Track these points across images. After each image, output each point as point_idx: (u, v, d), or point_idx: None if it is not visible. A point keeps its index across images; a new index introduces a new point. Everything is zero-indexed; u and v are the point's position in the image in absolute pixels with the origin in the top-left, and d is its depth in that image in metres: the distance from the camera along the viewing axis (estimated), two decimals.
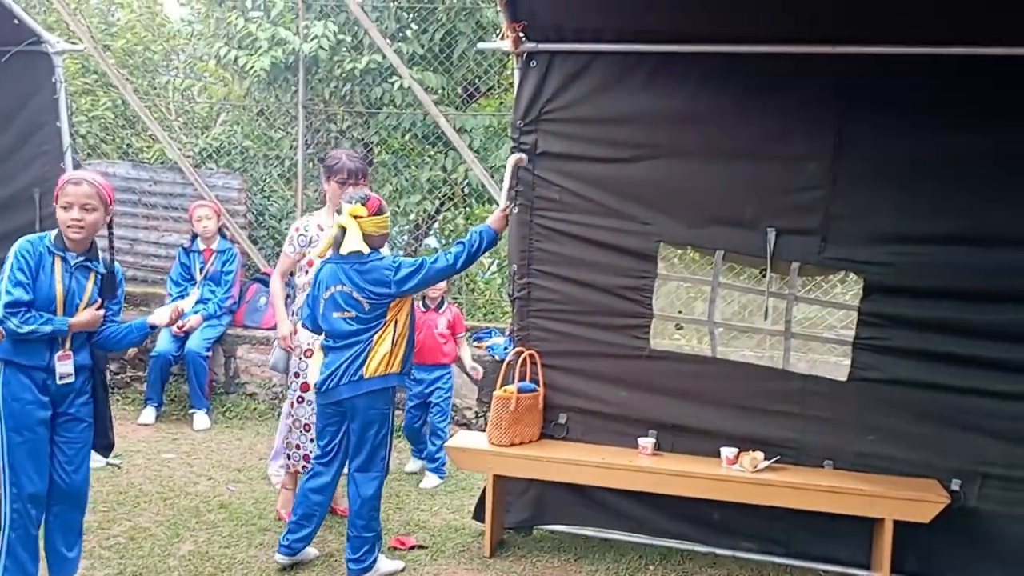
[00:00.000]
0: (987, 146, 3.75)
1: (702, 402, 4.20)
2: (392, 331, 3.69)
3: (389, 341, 3.67)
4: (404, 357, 3.75)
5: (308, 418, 4.28)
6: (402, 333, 3.73)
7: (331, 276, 3.70)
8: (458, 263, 3.75)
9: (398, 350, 3.71)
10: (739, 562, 4.17)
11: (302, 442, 4.32)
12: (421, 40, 7.64)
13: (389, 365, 3.68)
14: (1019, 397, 3.81)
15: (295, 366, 4.34)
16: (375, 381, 3.66)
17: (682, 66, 3.98)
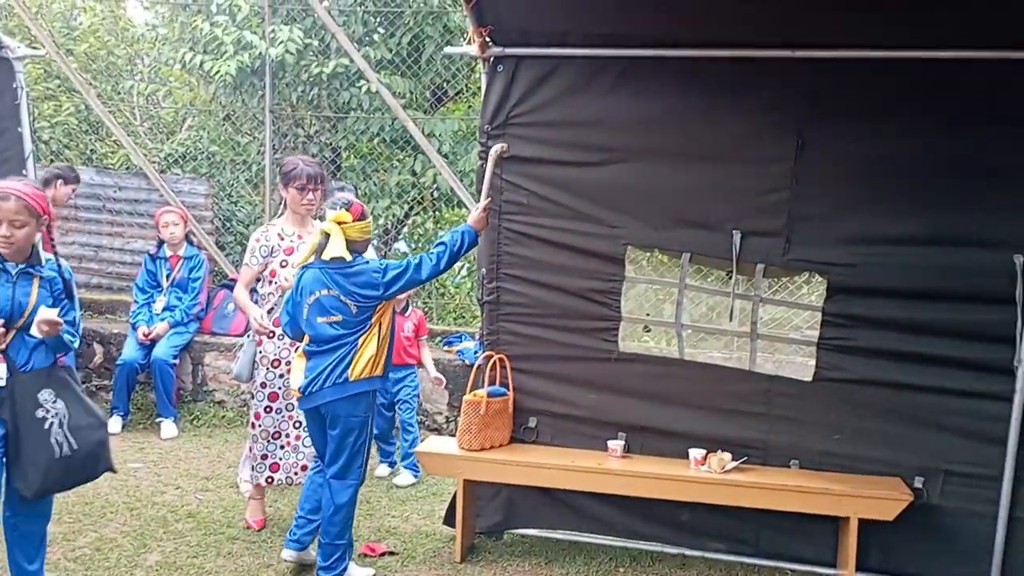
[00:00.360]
0: (944, 149, 3.82)
1: (670, 404, 4.23)
2: (377, 334, 3.69)
3: (375, 344, 3.67)
4: (386, 360, 3.76)
5: (276, 427, 4.26)
6: (385, 336, 3.73)
7: (315, 281, 3.66)
8: (441, 263, 3.74)
9: (382, 353, 3.72)
10: (708, 563, 4.20)
11: (270, 451, 4.28)
12: (389, 44, 7.63)
13: (374, 368, 3.67)
14: (980, 395, 3.88)
15: (261, 376, 4.28)
16: (360, 384, 3.65)
17: (648, 70, 4.01)
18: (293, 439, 4.33)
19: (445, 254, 3.75)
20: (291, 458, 4.33)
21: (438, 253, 3.74)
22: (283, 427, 4.30)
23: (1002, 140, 3.75)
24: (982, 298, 3.84)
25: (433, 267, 3.73)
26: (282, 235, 4.29)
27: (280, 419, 4.27)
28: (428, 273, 3.73)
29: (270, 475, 4.29)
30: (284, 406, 4.26)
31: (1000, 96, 3.73)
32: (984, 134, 3.77)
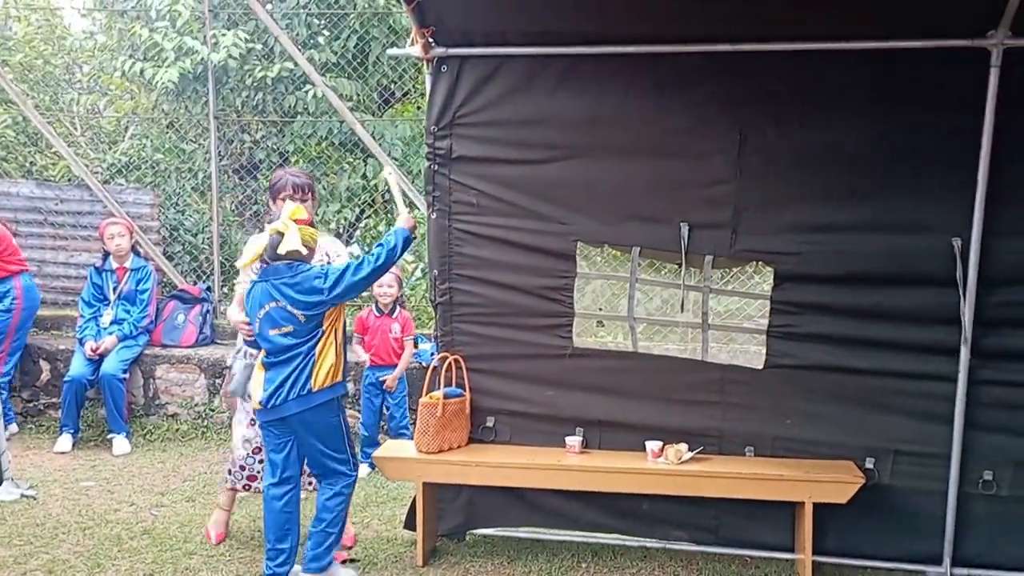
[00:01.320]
0: (881, 137, 3.89)
1: (626, 397, 4.26)
2: (334, 342, 3.67)
3: (333, 352, 3.65)
4: (345, 364, 3.77)
5: (259, 441, 4.12)
6: (342, 342, 3.73)
7: (263, 294, 3.62)
8: (379, 261, 3.66)
9: (342, 359, 3.70)
10: (669, 553, 4.25)
11: (248, 463, 4.20)
12: (334, 47, 7.58)
13: (335, 375, 3.66)
14: (924, 376, 3.96)
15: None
16: (324, 393, 3.62)
17: (590, 67, 4.03)
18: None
19: (383, 254, 3.67)
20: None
21: (377, 253, 3.68)
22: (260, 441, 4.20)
23: (936, 127, 3.83)
24: (923, 281, 3.91)
25: (372, 267, 3.66)
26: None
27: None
28: (367, 274, 3.65)
29: (247, 483, 4.23)
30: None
31: (933, 85, 3.81)
32: (919, 122, 3.84)
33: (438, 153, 4.21)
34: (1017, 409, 3.92)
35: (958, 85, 3.79)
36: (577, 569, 4.09)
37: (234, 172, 7.89)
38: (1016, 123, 3.73)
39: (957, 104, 3.80)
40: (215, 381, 6.51)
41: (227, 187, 7.89)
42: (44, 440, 6.12)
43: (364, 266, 3.65)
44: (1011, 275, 3.85)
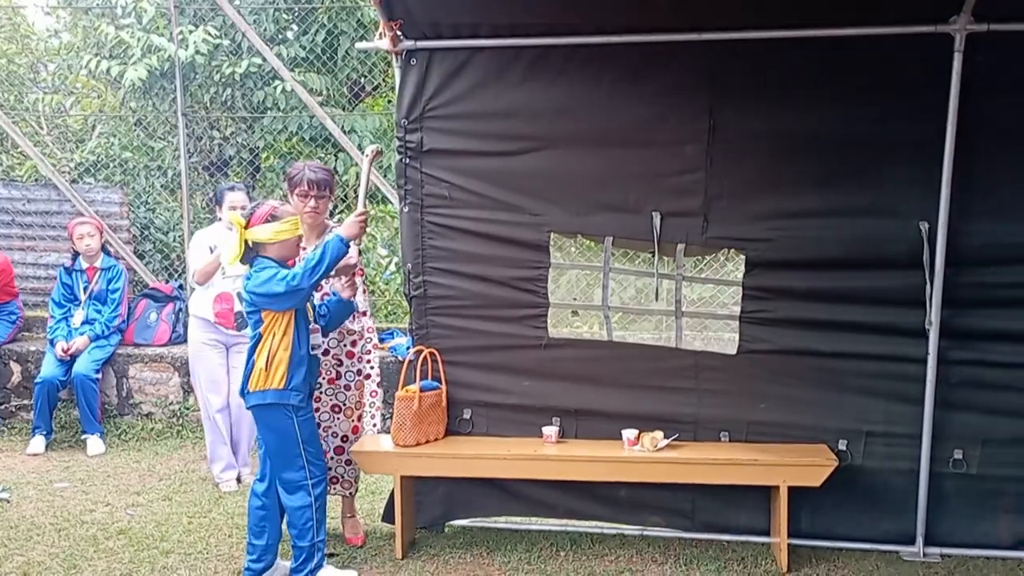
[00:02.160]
0: (850, 122, 3.93)
1: (602, 386, 4.29)
2: (268, 345, 3.55)
3: (265, 356, 3.55)
4: (289, 375, 3.56)
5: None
6: (279, 349, 3.55)
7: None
8: (299, 279, 3.45)
9: (276, 366, 3.54)
10: (647, 540, 4.28)
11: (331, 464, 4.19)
12: (302, 42, 7.54)
13: (267, 381, 3.55)
14: (895, 358, 4.02)
15: None
16: (254, 396, 3.59)
17: (559, 58, 4.04)
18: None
19: (303, 270, 3.47)
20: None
21: (295, 272, 3.49)
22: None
23: (902, 113, 3.88)
24: (892, 265, 3.97)
25: (291, 283, 3.44)
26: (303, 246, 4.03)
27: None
28: (286, 288, 3.45)
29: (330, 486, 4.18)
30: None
31: (899, 71, 3.86)
32: (886, 108, 3.89)
33: (409, 146, 4.21)
34: (985, 388, 3.99)
35: (923, 71, 3.84)
36: (556, 558, 4.11)
37: (204, 169, 7.83)
38: (980, 107, 3.80)
39: (922, 89, 3.85)
40: (189, 379, 6.45)
41: (197, 184, 7.83)
42: (17, 442, 6.05)
43: (285, 279, 3.46)
44: (978, 257, 3.91)
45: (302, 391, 3.62)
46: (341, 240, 3.58)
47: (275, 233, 3.58)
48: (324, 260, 3.50)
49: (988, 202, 3.89)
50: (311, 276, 3.48)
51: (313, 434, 3.72)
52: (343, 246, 3.57)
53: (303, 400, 3.63)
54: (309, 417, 3.70)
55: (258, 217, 3.59)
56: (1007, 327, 3.94)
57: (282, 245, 3.61)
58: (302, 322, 3.64)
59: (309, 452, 3.67)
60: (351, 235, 3.65)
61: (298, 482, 3.65)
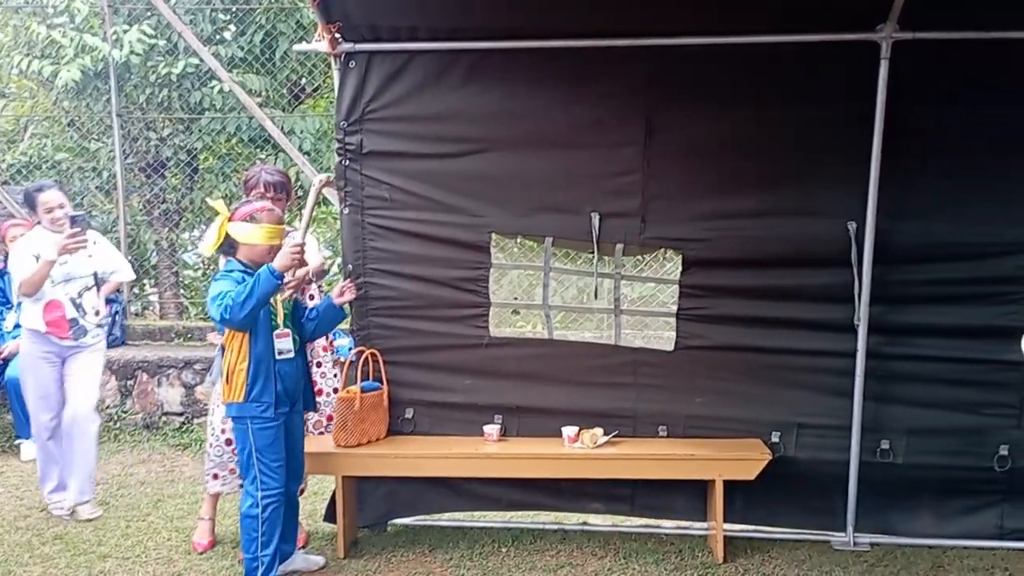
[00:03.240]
0: (782, 126, 4.04)
1: (543, 383, 4.35)
2: (228, 359, 3.53)
3: (225, 368, 3.53)
4: (247, 386, 3.51)
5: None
6: (238, 360, 3.51)
7: None
8: (228, 312, 3.35)
9: (235, 380, 3.51)
10: (587, 534, 4.36)
11: (227, 459, 4.15)
12: (240, 42, 7.47)
13: (229, 394, 3.53)
14: (825, 353, 4.16)
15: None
16: (226, 408, 3.59)
17: (498, 62, 4.09)
18: None
19: (235, 302, 3.35)
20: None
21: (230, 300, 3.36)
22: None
23: (832, 117, 4.01)
24: (823, 263, 4.09)
25: (224, 314, 3.36)
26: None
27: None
28: (220, 316, 3.38)
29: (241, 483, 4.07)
30: None
31: (829, 76, 3.98)
32: (816, 112, 4.01)
33: (349, 148, 4.22)
34: (910, 381, 4.15)
35: (852, 77, 3.96)
36: (497, 554, 4.16)
37: (140, 170, 7.70)
38: (905, 112, 3.94)
39: (851, 95, 3.98)
40: (127, 383, 6.37)
41: (134, 186, 7.71)
42: None
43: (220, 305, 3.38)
44: (903, 255, 4.06)
45: (264, 402, 3.53)
46: (272, 272, 3.40)
47: (246, 235, 3.52)
48: (254, 294, 3.36)
49: (913, 202, 4.03)
50: (241, 309, 3.35)
51: (270, 446, 3.57)
52: (274, 279, 3.40)
53: (267, 411, 3.53)
54: (270, 428, 3.56)
55: (240, 213, 3.53)
56: (931, 322, 4.10)
57: (251, 249, 3.54)
58: (262, 331, 3.55)
59: (262, 463, 3.57)
60: (283, 267, 3.45)
61: (250, 493, 3.59)
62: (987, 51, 3.82)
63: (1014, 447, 4.11)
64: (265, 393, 3.54)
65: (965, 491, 4.20)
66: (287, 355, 3.64)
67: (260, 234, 3.53)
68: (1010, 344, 4.05)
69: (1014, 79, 3.83)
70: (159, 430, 6.29)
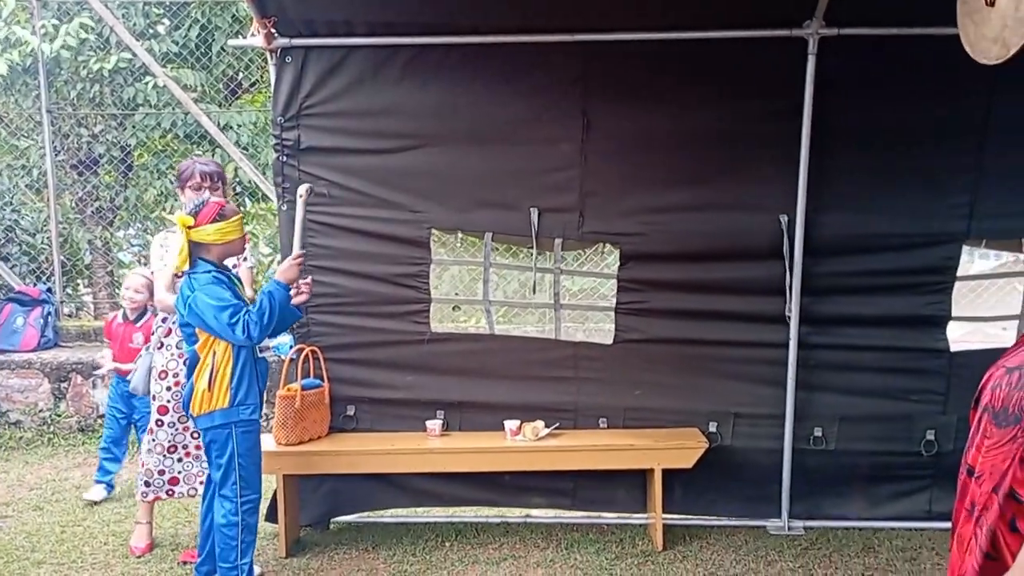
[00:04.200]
0: (715, 121, 4.12)
1: (485, 378, 4.37)
2: (210, 364, 3.37)
3: (207, 377, 3.37)
4: (231, 390, 3.39)
5: (171, 440, 3.96)
6: (222, 367, 3.38)
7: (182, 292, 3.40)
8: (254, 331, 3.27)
9: (219, 385, 3.38)
10: (530, 527, 4.40)
11: (167, 465, 3.99)
12: (175, 37, 7.34)
13: (212, 402, 3.38)
14: (759, 344, 4.26)
15: (151, 388, 3.97)
16: (202, 420, 3.41)
17: (435, 57, 4.10)
18: (193, 449, 4.00)
19: (260, 324, 3.29)
20: (193, 468, 4.03)
21: (249, 320, 3.28)
22: (178, 439, 3.97)
23: (762, 112, 4.10)
24: (756, 256, 4.19)
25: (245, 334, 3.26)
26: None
27: (174, 432, 3.95)
28: (242, 337, 3.27)
29: (170, 488, 4.01)
30: (177, 419, 3.92)
31: (757, 71, 4.07)
32: (747, 107, 4.10)
33: (286, 144, 4.19)
34: (840, 369, 4.27)
35: (781, 72, 4.06)
36: (441, 548, 4.17)
37: (72, 168, 7.52)
38: (832, 106, 4.05)
39: (781, 90, 4.08)
40: (60, 385, 6.22)
41: (65, 183, 7.53)
42: None
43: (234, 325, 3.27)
44: (832, 247, 4.18)
45: (250, 403, 3.44)
46: (283, 287, 3.41)
47: (222, 233, 3.39)
48: (275, 311, 3.34)
49: (841, 195, 4.15)
50: (266, 329, 3.32)
51: (251, 450, 3.49)
52: (284, 291, 3.41)
53: (254, 412, 3.45)
54: (253, 431, 3.48)
55: (204, 216, 3.38)
56: (860, 312, 4.22)
57: (228, 246, 3.45)
58: None
59: (243, 468, 3.45)
60: (289, 279, 3.47)
61: (229, 499, 3.46)
62: (912, 46, 3.94)
63: (940, 432, 4.25)
64: (250, 395, 3.44)
65: (895, 476, 4.33)
66: (266, 352, 3.54)
67: (234, 226, 3.44)
68: (936, 333, 4.21)
69: (938, 74, 3.94)
70: (95, 433, 6.15)
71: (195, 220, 3.37)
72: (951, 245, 4.13)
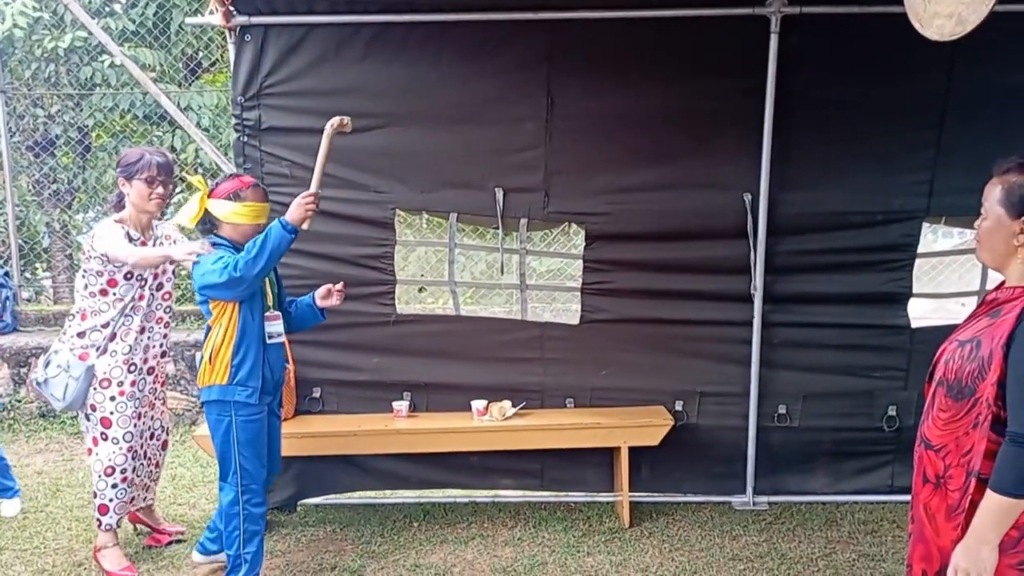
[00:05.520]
0: (680, 100, 4.11)
1: (451, 359, 4.37)
2: (214, 337, 3.30)
3: (209, 349, 3.30)
4: (232, 367, 3.29)
5: (111, 460, 3.67)
6: (225, 340, 3.28)
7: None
8: (237, 270, 3.12)
9: (219, 359, 3.28)
10: (497, 506, 4.41)
11: (100, 488, 3.68)
12: (131, 15, 7.19)
13: (212, 376, 3.29)
14: (724, 322, 4.29)
15: (90, 397, 3.65)
16: (203, 392, 3.34)
17: (398, 35, 4.05)
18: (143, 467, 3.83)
19: (246, 259, 3.13)
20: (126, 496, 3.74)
21: (240, 256, 3.15)
22: (117, 461, 3.67)
23: (726, 91, 4.10)
24: (720, 235, 4.21)
25: (231, 272, 3.12)
26: (131, 237, 3.63)
27: (116, 450, 3.66)
28: (227, 277, 3.13)
29: (99, 518, 3.72)
30: (122, 435, 3.67)
31: (721, 50, 4.07)
32: (711, 86, 4.09)
33: (247, 124, 4.13)
34: (803, 347, 4.31)
35: (744, 50, 4.06)
36: (409, 529, 4.17)
37: (28, 149, 7.37)
38: (795, 85, 4.06)
39: (744, 68, 4.08)
40: (20, 371, 6.12)
41: (21, 165, 7.37)
42: None
43: (227, 267, 3.14)
44: (794, 225, 4.21)
45: (250, 386, 3.32)
46: (284, 226, 3.16)
47: (231, 214, 3.30)
48: (266, 249, 3.14)
49: (803, 173, 4.17)
50: (252, 266, 3.13)
51: (254, 440, 3.37)
52: (287, 233, 3.17)
53: (251, 396, 3.32)
54: (254, 419, 3.36)
55: (221, 190, 3.31)
56: (822, 290, 4.26)
57: (234, 228, 3.34)
58: (256, 310, 3.35)
59: (243, 456, 3.35)
60: (296, 219, 3.19)
61: (231, 486, 3.38)
62: (873, 25, 3.95)
63: (902, 408, 4.32)
64: (252, 377, 3.33)
65: (858, 451, 4.40)
66: (277, 339, 3.45)
67: (245, 212, 3.32)
68: (897, 309, 4.27)
69: (898, 53, 3.97)
70: (56, 418, 6.07)
71: (212, 189, 3.31)
72: (911, 222, 4.18)
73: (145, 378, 3.75)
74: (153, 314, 3.76)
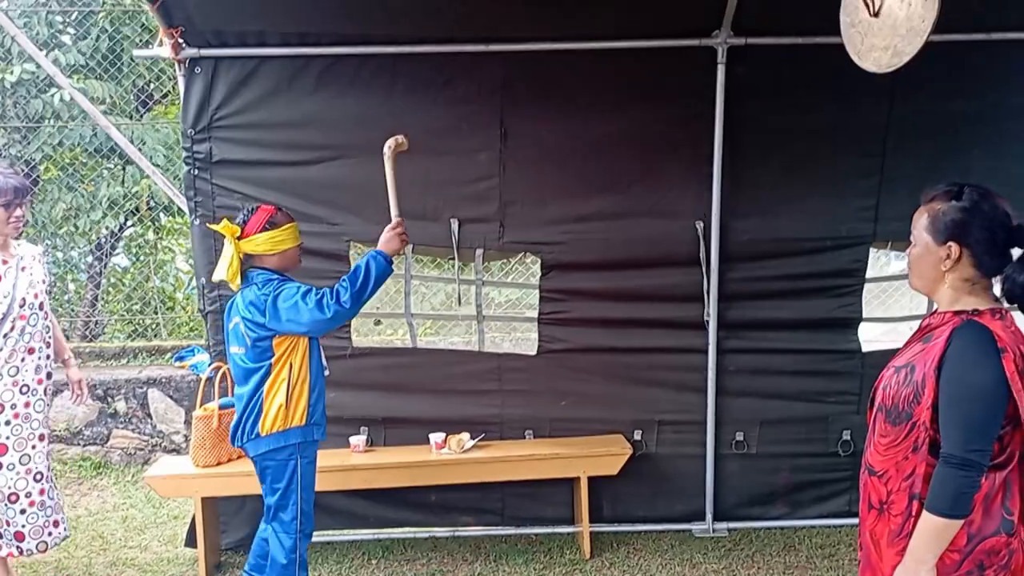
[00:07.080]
0: (632, 129, 4.15)
1: (408, 392, 4.33)
2: (287, 379, 3.16)
3: (284, 392, 3.15)
4: (309, 407, 3.22)
5: (11, 487, 3.57)
6: (300, 379, 3.19)
7: (234, 305, 3.23)
8: (343, 298, 3.03)
9: (297, 400, 3.19)
10: (458, 541, 4.36)
11: (9, 518, 3.58)
12: (81, 47, 7.09)
13: (288, 420, 3.17)
14: (679, 350, 4.32)
15: None
16: (272, 439, 3.19)
17: (350, 68, 4.04)
18: (37, 495, 3.62)
19: (346, 287, 3.05)
20: (38, 520, 3.64)
21: (340, 286, 3.06)
22: (19, 486, 3.58)
23: (676, 120, 4.15)
24: (674, 263, 4.25)
25: (337, 308, 3.02)
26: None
27: (15, 476, 3.57)
28: (332, 313, 3.03)
29: (17, 545, 3.60)
30: (18, 459, 3.57)
31: (670, 80, 4.12)
32: (662, 116, 4.15)
33: (197, 157, 4.09)
34: (758, 374, 4.35)
35: (693, 80, 4.12)
36: (368, 566, 4.11)
37: None
38: (742, 113, 4.12)
39: (693, 98, 4.14)
40: None
41: None
42: None
43: (325, 299, 3.05)
44: (746, 252, 4.26)
45: (322, 423, 3.29)
46: (382, 256, 3.14)
47: (274, 244, 3.22)
48: (369, 282, 3.08)
49: (754, 201, 4.23)
50: (359, 300, 3.05)
51: (312, 482, 3.32)
52: (387, 264, 3.13)
53: (323, 432, 3.29)
54: (315, 460, 3.32)
55: (254, 225, 3.21)
56: (775, 316, 4.31)
57: (281, 256, 3.26)
58: (317, 344, 3.28)
59: (305, 500, 3.27)
60: (393, 250, 3.18)
61: (289, 534, 3.26)
62: (817, 56, 4.00)
63: (856, 432, 4.36)
64: (324, 415, 3.30)
65: (815, 477, 4.43)
66: (326, 371, 3.39)
67: (287, 236, 3.25)
68: (848, 334, 4.32)
69: (841, 82, 4.00)
70: None
71: (243, 230, 3.21)
72: (859, 248, 4.25)
73: (43, 399, 3.67)
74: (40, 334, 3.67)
